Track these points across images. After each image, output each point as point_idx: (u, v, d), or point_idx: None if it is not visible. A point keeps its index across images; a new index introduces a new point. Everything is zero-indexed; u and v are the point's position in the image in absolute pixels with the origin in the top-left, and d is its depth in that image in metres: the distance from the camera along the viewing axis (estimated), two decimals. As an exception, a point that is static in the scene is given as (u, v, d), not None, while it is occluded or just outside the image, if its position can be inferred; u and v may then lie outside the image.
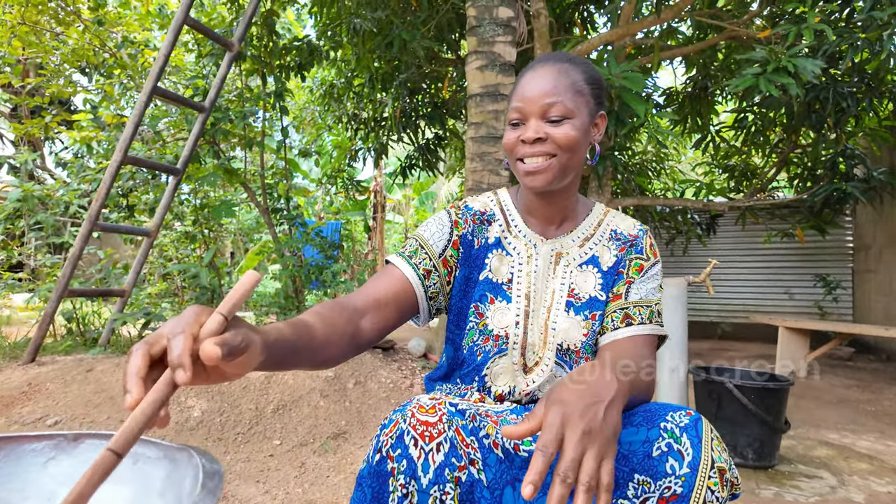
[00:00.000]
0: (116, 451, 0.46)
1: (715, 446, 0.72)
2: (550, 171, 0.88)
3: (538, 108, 0.88)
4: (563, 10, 5.67)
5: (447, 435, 0.68)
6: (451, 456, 0.68)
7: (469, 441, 0.72)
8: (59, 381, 2.36)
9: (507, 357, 0.93)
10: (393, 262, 0.96)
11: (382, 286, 0.91)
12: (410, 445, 0.67)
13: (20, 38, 3.97)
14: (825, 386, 3.98)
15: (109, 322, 3.21)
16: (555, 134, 0.87)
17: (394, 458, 0.67)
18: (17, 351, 3.41)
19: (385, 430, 0.69)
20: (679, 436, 0.72)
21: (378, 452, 0.68)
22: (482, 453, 0.74)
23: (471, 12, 2.93)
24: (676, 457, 0.71)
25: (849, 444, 2.56)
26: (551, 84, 0.88)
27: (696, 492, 0.69)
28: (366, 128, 6.26)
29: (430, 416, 0.69)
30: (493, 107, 2.94)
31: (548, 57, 0.94)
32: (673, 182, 7.04)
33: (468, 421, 0.75)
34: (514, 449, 0.77)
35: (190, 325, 0.51)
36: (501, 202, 1.03)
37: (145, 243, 3.13)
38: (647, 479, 0.71)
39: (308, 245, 4.18)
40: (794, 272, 6.35)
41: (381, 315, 0.88)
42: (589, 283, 0.96)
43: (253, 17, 3.10)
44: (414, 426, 0.68)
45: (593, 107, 0.93)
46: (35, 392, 2.26)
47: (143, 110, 2.73)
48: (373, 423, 2.19)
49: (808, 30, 3.37)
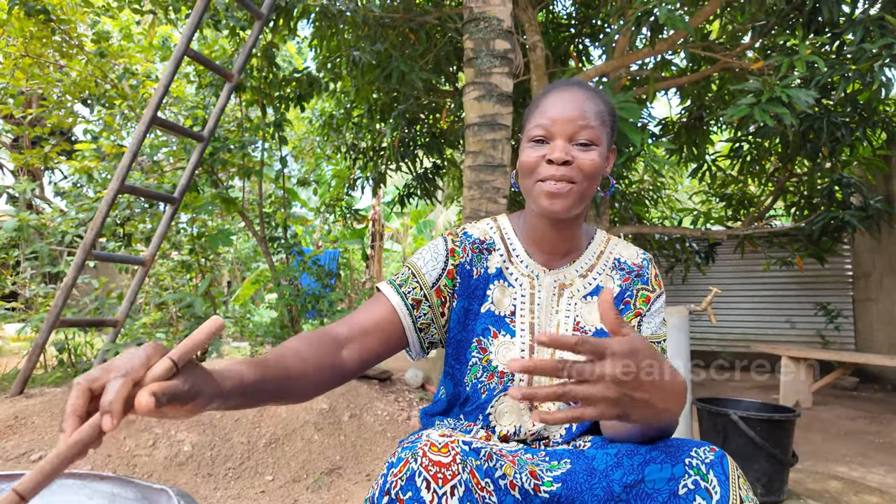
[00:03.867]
0: (21, 494, 0.42)
1: (742, 484, 0.69)
2: (570, 197, 0.85)
3: (568, 130, 0.85)
4: (558, 42, 5.80)
5: (462, 477, 0.64)
6: (465, 501, 0.63)
7: (484, 484, 0.68)
8: (47, 413, 2.29)
9: None
10: (382, 290, 0.92)
11: (368, 315, 0.88)
12: (423, 488, 0.62)
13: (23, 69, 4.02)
14: (831, 417, 3.91)
15: (101, 352, 3.15)
16: (581, 159, 0.84)
17: (404, 502, 0.62)
18: (6, 383, 3.33)
19: (393, 469, 0.64)
20: (706, 473, 0.68)
21: (386, 495, 0.63)
22: (498, 496, 0.70)
23: (468, 44, 2.98)
24: (704, 495, 0.67)
25: (858, 477, 2.49)
26: (582, 108, 0.86)
27: None
28: (364, 157, 6.31)
29: (443, 457, 0.64)
30: (490, 136, 2.95)
31: (572, 81, 0.92)
32: (670, 210, 7.08)
33: (483, 461, 0.70)
34: (533, 490, 0.72)
35: (135, 368, 0.49)
36: (502, 230, 1.00)
37: (140, 272, 3.10)
38: None
39: (305, 274, 4.15)
40: (794, 301, 6.31)
41: (364, 344, 0.85)
42: (594, 315, 0.93)
43: (253, 49, 3.14)
44: (426, 467, 0.63)
45: (610, 138, 0.91)
46: (21, 426, 2.19)
47: (142, 139, 2.74)
48: (368, 458, 2.13)
49: (800, 61, 3.43)
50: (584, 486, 0.71)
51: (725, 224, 5.83)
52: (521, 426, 0.89)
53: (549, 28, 5.77)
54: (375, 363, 0.89)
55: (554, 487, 0.71)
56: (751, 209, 5.66)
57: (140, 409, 0.46)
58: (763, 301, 6.46)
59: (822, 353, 4.01)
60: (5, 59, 3.94)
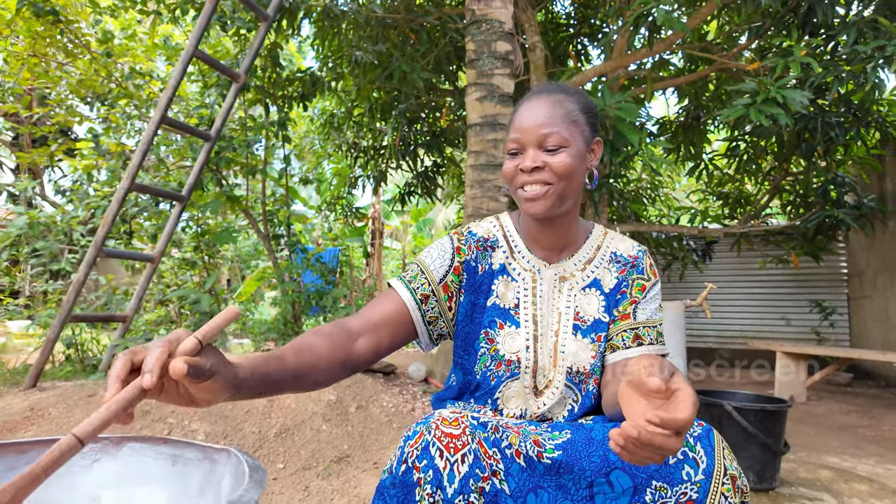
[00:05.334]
0: (79, 438, 0.50)
1: (726, 455, 0.76)
2: (549, 199, 0.92)
3: (535, 138, 0.92)
4: (557, 42, 5.86)
5: (471, 447, 0.71)
6: (475, 467, 0.71)
7: (491, 453, 0.75)
8: (62, 405, 2.36)
9: (519, 381, 0.96)
10: (393, 285, 0.99)
11: (380, 309, 0.95)
12: (436, 456, 0.69)
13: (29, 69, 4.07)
14: (825, 412, 3.99)
15: (110, 347, 3.22)
16: (552, 162, 0.91)
17: (420, 469, 0.69)
18: (17, 377, 3.39)
19: (409, 441, 0.72)
20: (693, 444, 0.75)
21: (403, 463, 0.70)
22: (504, 464, 0.77)
23: (470, 46, 3.04)
24: (692, 464, 0.74)
25: (849, 467, 2.57)
26: (547, 115, 0.92)
27: (710, 497, 0.72)
28: (365, 156, 6.37)
29: (454, 429, 0.72)
30: (491, 136, 3.02)
31: (543, 88, 0.99)
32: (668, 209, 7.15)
33: (490, 433, 0.77)
34: (537, 457, 0.79)
35: (170, 341, 0.58)
36: (504, 228, 1.06)
37: (148, 269, 3.16)
38: (664, 485, 0.74)
39: (308, 271, 4.21)
40: (790, 298, 6.39)
41: (376, 337, 0.92)
42: (592, 305, 0.99)
43: (259, 49, 3.21)
44: (439, 438, 0.70)
45: (588, 134, 0.97)
46: (38, 417, 2.26)
47: (152, 139, 2.80)
48: (375, 447, 2.20)
49: (794, 62, 3.50)
50: (582, 454, 0.78)
51: (722, 222, 5.91)
52: (527, 409, 0.96)
53: (549, 28, 5.83)
54: (387, 354, 0.96)
55: (555, 454, 0.78)
56: (747, 208, 5.74)
57: (174, 373, 0.55)
58: (759, 298, 6.54)
59: (816, 350, 4.08)
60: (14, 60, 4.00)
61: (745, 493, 0.76)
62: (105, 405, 0.52)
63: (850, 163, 5.03)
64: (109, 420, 0.52)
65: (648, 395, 0.60)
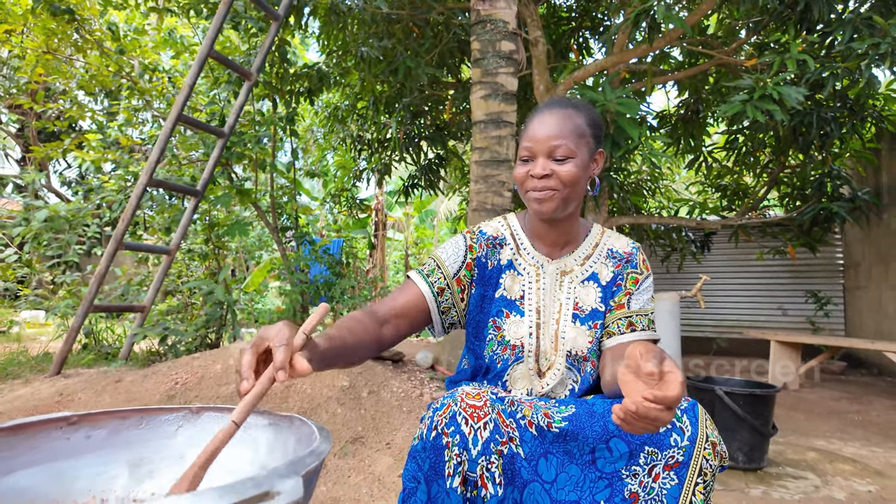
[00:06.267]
0: (236, 422, 0.63)
1: (708, 425, 0.88)
2: (554, 202, 1.04)
3: (545, 149, 1.03)
4: (559, 36, 5.93)
5: (491, 416, 0.85)
6: (495, 433, 0.84)
7: (508, 422, 0.88)
8: (90, 391, 2.49)
9: (524, 364, 1.08)
10: (412, 278, 1.12)
11: (402, 299, 1.08)
12: (462, 424, 0.82)
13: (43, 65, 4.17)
14: (817, 399, 4.13)
15: (129, 336, 3.35)
16: (559, 171, 1.03)
17: (448, 434, 0.82)
18: (41, 364, 3.53)
19: (438, 412, 0.84)
20: (681, 416, 0.88)
21: (434, 430, 0.83)
22: (519, 432, 0.90)
23: (475, 45, 3.14)
24: (678, 433, 0.86)
25: (835, 449, 2.71)
26: (557, 128, 1.04)
27: (694, 459, 0.85)
28: (369, 149, 6.46)
29: (476, 401, 0.85)
30: (496, 133, 3.13)
31: (554, 102, 1.11)
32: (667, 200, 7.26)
33: (507, 406, 0.91)
34: (547, 427, 0.91)
35: (289, 339, 0.71)
36: (511, 227, 1.18)
37: (165, 261, 3.28)
38: (655, 450, 0.87)
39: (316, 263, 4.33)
40: (786, 288, 6.52)
41: (398, 323, 1.06)
42: (590, 296, 1.12)
43: (270, 48, 3.30)
44: (464, 408, 0.83)
45: (593, 146, 1.09)
46: (68, 402, 2.39)
47: (169, 136, 2.91)
48: (387, 429, 2.33)
49: (790, 59, 3.59)
50: (585, 424, 0.90)
51: (720, 214, 6.01)
52: (532, 389, 1.09)
53: (550, 22, 5.89)
54: (406, 338, 1.10)
55: (563, 425, 0.91)
56: (745, 200, 5.84)
57: (300, 371, 0.69)
58: (756, 289, 6.67)
59: (808, 338, 4.21)
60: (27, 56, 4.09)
61: (723, 457, 0.89)
62: (250, 394, 0.66)
63: (847, 156, 5.12)
64: (254, 406, 0.66)
65: (644, 377, 0.72)
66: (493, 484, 0.83)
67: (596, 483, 0.88)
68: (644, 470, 0.87)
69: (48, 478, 0.65)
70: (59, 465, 0.67)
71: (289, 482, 0.44)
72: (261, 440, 0.76)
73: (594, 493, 0.88)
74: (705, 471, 0.85)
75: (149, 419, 0.76)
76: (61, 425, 0.69)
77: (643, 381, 0.71)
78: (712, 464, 0.86)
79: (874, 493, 2.10)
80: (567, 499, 0.88)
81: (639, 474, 0.87)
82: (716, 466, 0.87)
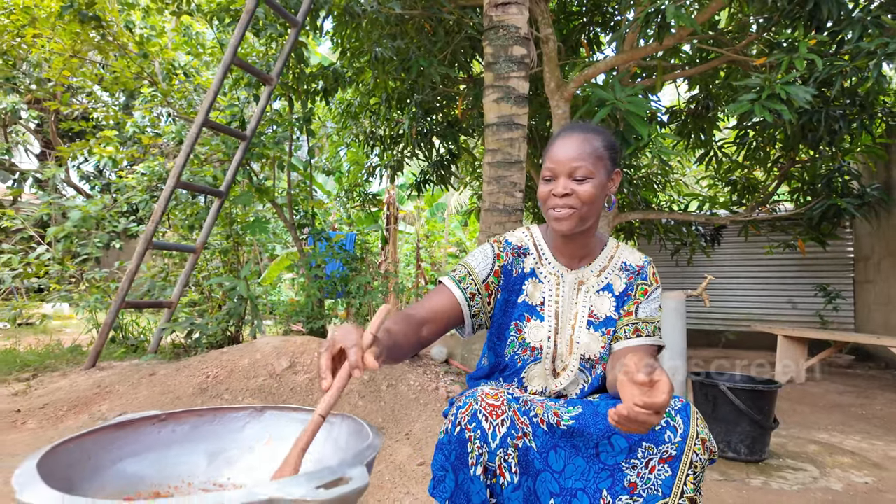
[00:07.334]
0: (322, 415, 0.75)
1: (699, 423, 1.00)
2: (573, 219, 1.15)
3: (566, 170, 1.14)
4: (569, 31, 5.97)
5: (508, 414, 0.97)
6: (511, 429, 0.96)
7: (523, 419, 1.01)
8: (126, 383, 2.65)
9: (541, 364, 1.21)
10: (446, 284, 1.24)
11: (438, 303, 1.20)
12: (482, 420, 0.95)
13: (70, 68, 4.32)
14: (822, 392, 4.21)
15: (157, 330, 3.51)
16: (579, 190, 1.13)
17: (471, 430, 0.95)
18: (73, 357, 3.72)
19: (461, 409, 0.97)
20: (674, 416, 0.99)
21: (458, 426, 0.96)
22: (532, 428, 1.02)
23: (488, 50, 3.23)
24: (672, 430, 0.98)
25: (836, 443, 2.80)
26: (576, 151, 1.14)
27: (685, 454, 0.97)
28: (381, 144, 6.58)
29: (495, 401, 0.97)
30: (507, 135, 3.22)
31: (575, 126, 1.21)
32: (678, 194, 7.30)
33: (521, 405, 1.03)
34: (556, 424, 1.04)
35: (359, 340, 0.83)
36: (534, 238, 1.30)
37: (191, 258, 3.44)
38: (652, 445, 0.99)
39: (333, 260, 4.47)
40: (796, 282, 6.57)
41: (436, 325, 1.18)
42: (605, 305, 1.23)
43: (290, 53, 3.41)
44: (484, 407, 0.96)
45: (609, 167, 1.19)
46: (107, 393, 2.56)
47: (195, 140, 3.04)
48: (405, 421, 2.47)
49: (799, 59, 3.64)
50: (590, 423, 1.02)
51: (730, 209, 6.06)
52: (547, 387, 1.21)
53: (560, 17, 5.93)
54: (440, 337, 1.22)
55: (570, 422, 1.03)
56: (755, 194, 5.88)
57: (371, 368, 0.81)
58: (765, 282, 6.72)
59: (815, 333, 4.29)
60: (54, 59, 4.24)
61: (713, 452, 1.00)
62: (331, 391, 0.79)
63: (858, 151, 5.14)
64: (336, 401, 0.80)
65: (637, 384, 0.83)
66: (510, 472, 0.96)
67: (599, 473, 1.01)
68: (641, 463, 0.99)
69: (147, 465, 0.79)
70: (154, 454, 0.80)
71: (357, 470, 0.57)
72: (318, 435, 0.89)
73: (598, 482, 1.00)
74: (696, 464, 0.97)
75: (221, 416, 0.89)
76: (153, 422, 0.83)
77: (636, 387, 0.82)
78: (702, 458, 0.98)
79: (870, 484, 2.21)
80: (574, 486, 1.01)
81: (637, 466, 0.99)
82: (705, 460, 0.98)
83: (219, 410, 0.90)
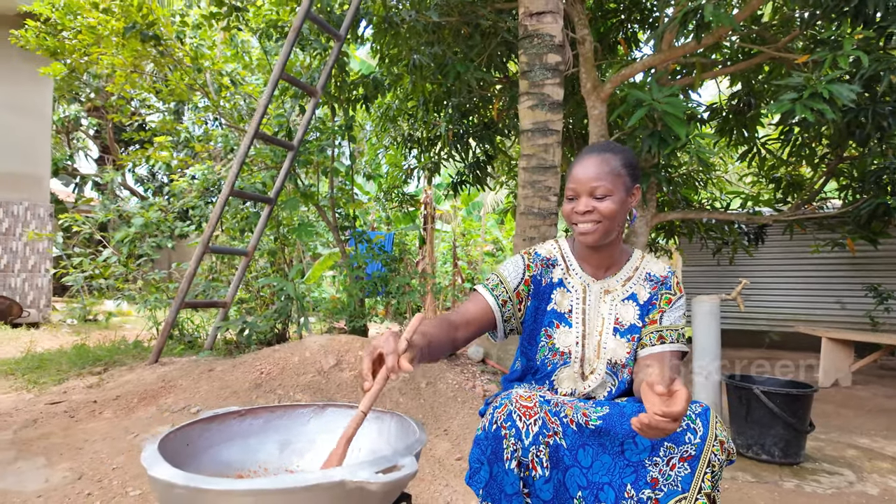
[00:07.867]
0: (364, 412, 0.88)
1: (718, 426, 1.08)
2: (597, 234, 1.25)
3: (587, 189, 1.24)
4: (606, 29, 5.96)
5: (540, 414, 1.08)
6: (543, 428, 1.07)
7: (554, 420, 1.12)
8: (188, 378, 2.88)
9: (570, 368, 1.31)
10: (480, 292, 1.35)
11: (472, 309, 1.32)
12: (517, 419, 1.06)
13: (131, 83, 4.65)
14: (868, 395, 4.11)
15: (213, 328, 3.76)
16: (599, 207, 1.23)
17: (506, 428, 1.06)
18: (138, 352, 4.01)
19: (497, 409, 1.08)
20: (694, 419, 1.08)
21: (494, 424, 1.07)
22: (562, 427, 1.13)
23: (523, 59, 3.31)
24: (692, 432, 1.07)
25: (877, 448, 2.77)
26: (595, 171, 1.24)
27: (704, 453, 1.06)
28: (419, 146, 6.73)
29: (528, 402, 1.08)
30: (542, 141, 3.30)
31: (594, 148, 1.31)
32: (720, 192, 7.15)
33: (552, 406, 1.14)
34: (584, 423, 1.14)
35: (396, 347, 0.96)
36: (562, 250, 1.40)
37: (243, 261, 3.66)
38: (673, 445, 1.08)
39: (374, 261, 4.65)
40: (844, 282, 6.36)
41: (469, 329, 1.30)
42: (630, 313, 1.32)
43: (333, 66, 3.59)
44: (518, 408, 1.07)
45: (629, 184, 1.28)
46: (171, 387, 2.79)
47: (247, 150, 3.25)
48: (444, 417, 2.60)
49: (843, 57, 3.56)
50: (616, 423, 1.12)
51: (774, 206, 5.92)
52: (576, 389, 1.31)
53: (598, 14, 5.92)
54: (473, 340, 1.34)
55: (598, 423, 1.13)
56: (801, 192, 5.72)
57: (406, 370, 0.94)
58: (812, 282, 6.53)
59: (859, 336, 4.19)
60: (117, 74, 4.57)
61: (731, 453, 1.09)
62: (372, 390, 0.92)
63: (912, 147, 4.95)
64: (376, 399, 0.93)
65: (658, 395, 0.93)
66: (542, 467, 1.06)
67: (624, 469, 1.10)
68: (663, 460, 1.08)
69: (232, 452, 0.94)
70: (238, 443, 0.95)
71: (408, 459, 0.69)
72: (371, 428, 1.02)
73: (623, 478, 1.10)
74: (713, 463, 1.05)
75: (290, 412, 1.04)
76: (235, 416, 0.98)
77: (657, 398, 0.92)
78: (720, 458, 1.06)
79: (909, 489, 2.20)
80: (600, 481, 1.11)
81: (659, 464, 1.08)
82: (723, 460, 1.07)
83: (287, 407, 1.05)
